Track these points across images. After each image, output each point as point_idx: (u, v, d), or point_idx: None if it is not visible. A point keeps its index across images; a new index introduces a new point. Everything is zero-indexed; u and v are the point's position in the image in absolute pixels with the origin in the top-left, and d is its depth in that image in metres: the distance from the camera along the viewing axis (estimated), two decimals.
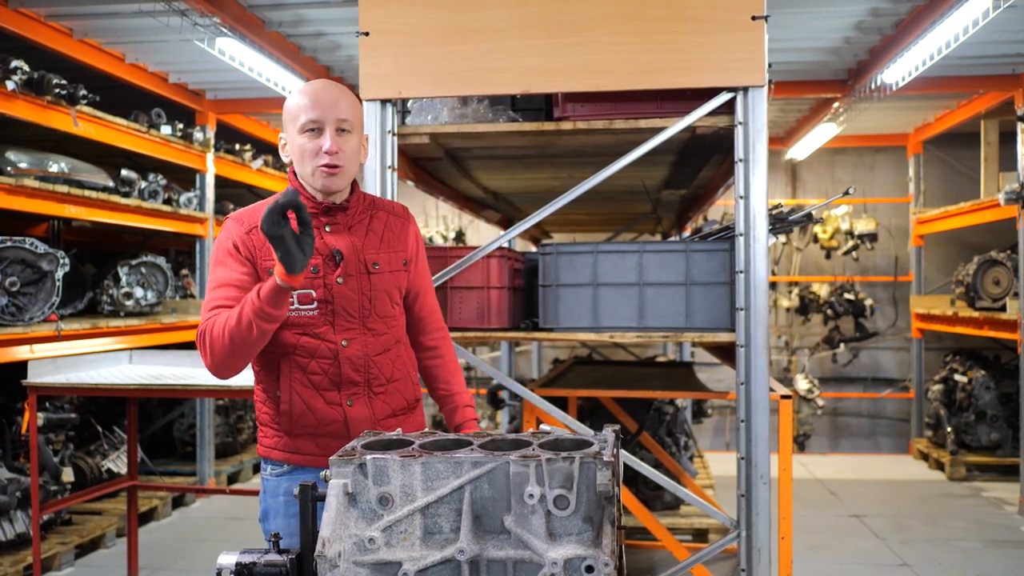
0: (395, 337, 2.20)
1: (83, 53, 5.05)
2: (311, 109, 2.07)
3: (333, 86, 2.14)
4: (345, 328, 2.12)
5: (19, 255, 4.36)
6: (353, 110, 2.12)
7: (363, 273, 2.13)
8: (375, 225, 2.20)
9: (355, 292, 2.13)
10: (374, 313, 2.15)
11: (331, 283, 2.10)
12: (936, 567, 4.75)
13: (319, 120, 2.07)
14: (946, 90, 6.30)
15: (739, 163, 2.84)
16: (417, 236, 2.30)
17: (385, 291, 2.16)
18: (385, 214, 2.24)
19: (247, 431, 7.20)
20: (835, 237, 8.26)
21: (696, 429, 8.00)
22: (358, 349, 2.12)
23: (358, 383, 2.13)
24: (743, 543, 2.85)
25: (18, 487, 4.51)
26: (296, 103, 2.10)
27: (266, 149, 7.83)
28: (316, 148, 2.08)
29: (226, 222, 2.17)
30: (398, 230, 2.23)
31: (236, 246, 2.10)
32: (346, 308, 2.12)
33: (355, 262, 2.13)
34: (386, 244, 2.19)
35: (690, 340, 3.10)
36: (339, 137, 2.09)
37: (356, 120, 2.13)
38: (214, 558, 1.58)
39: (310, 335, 2.10)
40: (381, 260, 2.17)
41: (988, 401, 6.98)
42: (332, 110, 2.08)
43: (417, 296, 2.30)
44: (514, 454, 1.49)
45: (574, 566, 1.41)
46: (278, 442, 2.17)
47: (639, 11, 2.81)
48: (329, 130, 2.07)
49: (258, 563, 1.56)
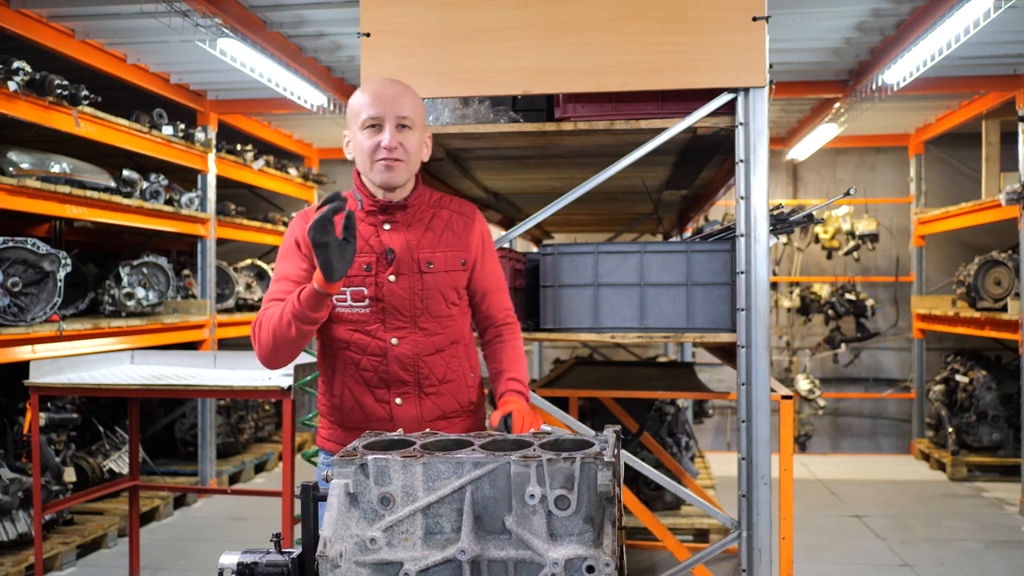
0: (450, 338, 2.19)
1: (85, 54, 5.06)
2: (371, 106, 2.09)
3: (394, 83, 2.14)
4: (396, 327, 2.13)
5: (21, 255, 4.36)
6: (414, 106, 2.13)
7: (416, 272, 2.13)
8: (435, 223, 2.19)
9: (406, 291, 2.13)
10: (426, 313, 2.14)
11: (383, 281, 2.12)
12: (937, 567, 4.75)
13: (379, 116, 2.08)
14: (947, 90, 6.30)
15: (740, 164, 2.85)
16: (483, 235, 2.27)
17: (439, 291, 2.15)
18: (448, 212, 2.22)
19: (248, 431, 7.21)
20: (836, 237, 8.25)
21: (697, 429, 8.01)
22: (408, 348, 2.13)
23: (407, 382, 2.14)
24: (744, 543, 2.86)
25: (20, 487, 4.52)
26: (358, 101, 2.12)
27: (267, 149, 7.85)
28: (376, 144, 2.09)
29: (294, 218, 2.21)
30: (460, 229, 2.21)
31: (298, 242, 2.15)
32: (397, 307, 2.12)
33: (408, 261, 2.13)
34: (444, 243, 2.18)
35: (691, 340, 3.09)
36: (399, 133, 2.10)
37: (417, 116, 2.13)
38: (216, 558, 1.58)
39: (362, 332, 2.13)
40: (436, 259, 2.15)
41: (989, 401, 6.98)
42: (392, 106, 2.08)
43: (485, 295, 2.28)
44: (515, 454, 1.49)
45: (575, 566, 1.41)
46: (331, 434, 2.22)
47: (640, 12, 2.81)
48: (389, 126, 2.08)
49: (260, 563, 1.56)
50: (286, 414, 3.71)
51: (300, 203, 8.51)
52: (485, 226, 2.29)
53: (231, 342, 7.53)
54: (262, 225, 7.38)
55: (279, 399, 3.83)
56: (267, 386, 3.69)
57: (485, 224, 2.29)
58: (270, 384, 3.69)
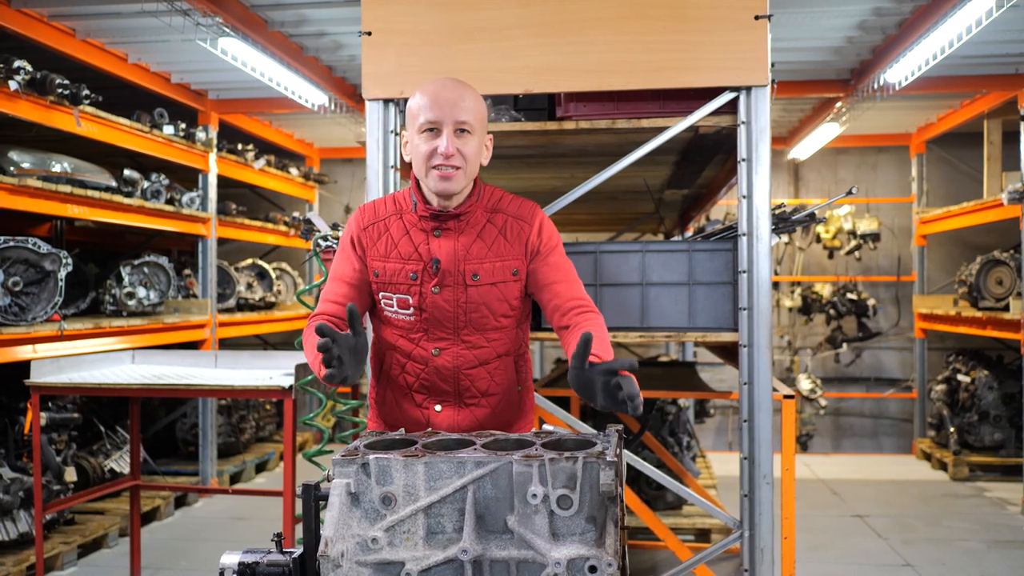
0: (497, 351, 2.12)
1: (86, 53, 5.06)
2: (430, 109, 2.00)
3: (455, 85, 2.06)
4: (438, 337, 2.09)
5: (22, 255, 4.36)
6: (475, 110, 2.04)
7: (460, 285, 2.06)
8: (488, 231, 2.09)
9: (450, 304, 2.07)
10: (470, 326, 2.08)
11: (427, 292, 2.07)
12: (939, 567, 4.75)
13: (437, 120, 2.00)
14: (949, 90, 6.29)
15: (742, 163, 2.84)
16: (541, 233, 2.11)
17: (485, 304, 2.08)
18: (504, 217, 2.11)
19: (249, 431, 7.21)
20: (838, 237, 8.25)
21: (699, 429, 8.00)
22: (449, 360, 2.09)
23: (447, 392, 2.12)
24: (746, 543, 2.85)
25: (21, 487, 4.51)
26: (417, 103, 2.04)
27: (268, 149, 7.85)
28: (432, 149, 2.00)
29: (355, 213, 2.17)
30: (514, 235, 2.09)
31: (353, 240, 2.13)
32: (439, 319, 2.08)
33: (454, 272, 2.06)
34: (495, 252, 2.08)
35: (693, 340, 3.09)
36: (458, 138, 2.01)
37: (477, 120, 2.04)
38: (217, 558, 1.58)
39: (406, 338, 2.12)
40: (484, 271, 2.07)
41: (991, 401, 6.97)
42: (452, 110, 2.00)
43: (548, 287, 2.09)
44: (517, 454, 1.49)
45: (577, 566, 1.41)
46: (376, 426, 2.24)
47: (642, 10, 2.81)
48: (447, 131, 2.00)
49: (261, 563, 1.55)
50: (287, 414, 3.70)
51: (301, 203, 8.51)
52: (546, 224, 2.14)
53: (232, 342, 7.53)
54: (263, 225, 7.37)
55: (280, 399, 3.82)
56: (268, 386, 3.69)
57: (546, 222, 2.15)
58: (271, 384, 3.69)
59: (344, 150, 8.67)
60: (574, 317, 2.04)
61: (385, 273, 2.09)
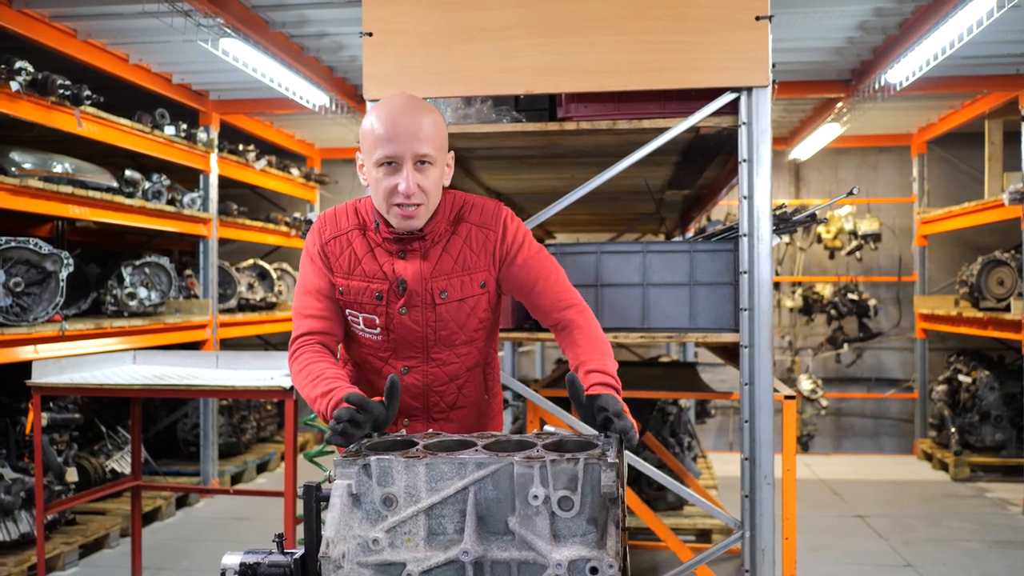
0: (466, 365, 2.09)
1: (87, 54, 5.06)
2: (388, 143, 1.88)
3: (413, 111, 1.91)
4: (407, 356, 2.06)
5: (23, 255, 4.36)
6: (434, 137, 1.91)
7: (428, 304, 2.01)
8: (453, 245, 2.02)
9: (418, 324, 2.03)
10: (439, 343, 2.05)
11: (393, 313, 2.02)
12: (940, 568, 4.74)
13: (397, 155, 1.88)
14: (950, 90, 6.28)
15: (743, 163, 2.84)
16: (506, 237, 2.04)
17: (454, 320, 2.03)
18: (468, 227, 2.03)
19: (250, 431, 7.21)
20: (839, 237, 8.24)
21: (699, 429, 8.00)
22: (418, 379, 2.07)
23: (416, 408, 2.11)
24: (747, 544, 2.85)
25: (22, 487, 4.52)
26: (372, 130, 1.91)
27: (269, 149, 7.85)
28: (392, 187, 1.90)
29: (315, 222, 2.10)
30: (479, 246, 2.03)
31: (318, 253, 2.06)
32: (407, 339, 2.04)
33: (421, 292, 2.01)
34: (461, 266, 2.02)
35: (694, 340, 3.09)
36: (418, 172, 1.90)
37: (437, 149, 1.93)
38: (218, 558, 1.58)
39: (375, 356, 2.09)
40: (452, 287, 2.01)
41: (992, 401, 6.97)
42: (410, 143, 1.87)
43: (531, 291, 2.05)
44: (518, 455, 1.49)
45: (578, 567, 1.41)
46: None
47: (643, 11, 2.81)
48: (407, 166, 1.88)
49: (262, 563, 1.55)
50: (288, 414, 3.70)
51: (302, 203, 8.51)
52: (510, 226, 2.06)
53: (233, 342, 7.54)
54: (264, 225, 7.38)
55: (281, 399, 3.83)
56: (269, 386, 3.69)
57: (510, 224, 2.06)
58: (272, 384, 3.69)
59: (345, 150, 8.67)
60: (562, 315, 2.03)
61: (349, 291, 2.03)
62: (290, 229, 7.70)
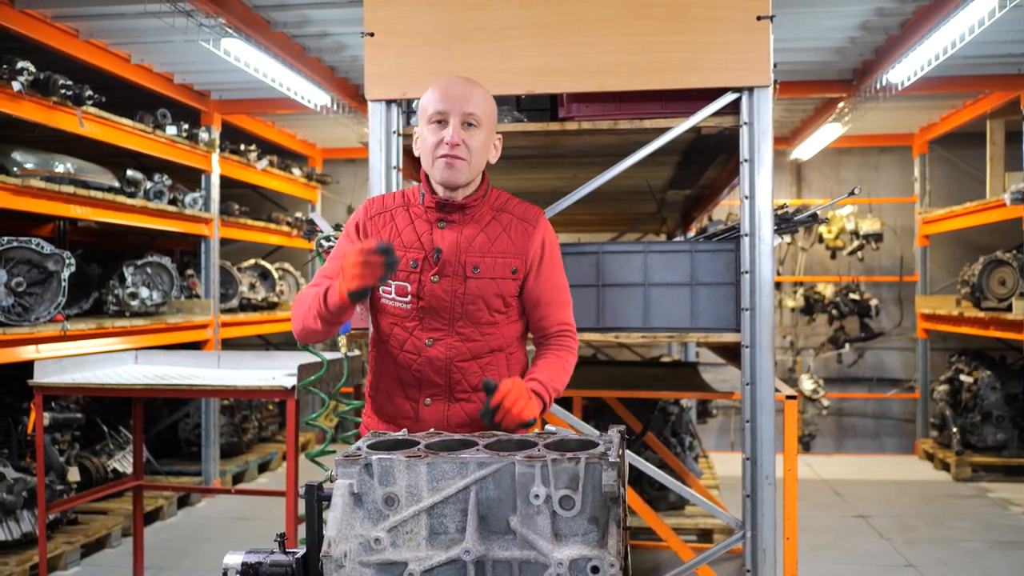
0: (490, 346, 2.13)
1: (89, 54, 5.06)
2: (439, 101, 2.06)
3: (466, 82, 2.12)
4: (432, 328, 2.11)
5: (25, 255, 4.37)
6: (483, 105, 2.09)
7: (459, 276, 2.09)
8: (492, 227, 2.13)
9: (447, 294, 2.09)
10: (466, 318, 2.10)
11: (425, 280, 2.10)
12: (941, 568, 4.74)
13: (445, 112, 2.06)
14: (952, 90, 6.28)
15: (744, 163, 2.84)
16: (545, 243, 2.17)
17: (482, 297, 2.10)
18: (510, 217, 2.16)
19: (252, 431, 7.21)
20: (840, 237, 8.24)
21: (701, 429, 8.00)
22: (441, 351, 2.11)
23: (439, 385, 2.12)
24: (748, 543, 2.85)
25: (24, 487, 4.52)
26: (427, 97, 2.10)
27: (271, 149, 7.85)
28: (439, 139, 2.06)
29: (364, 203, 2.23)
30: (517, 236, 2.14)
31: (358, 226, 2.18)
32: (436, 308, 2.10)
33: (454, 264, 2.09)
34: (497, 248, 2.11)
35: (695, 340, 3.09)
36: (464, 130, 2.06)
37: (485, 116, 2.09)
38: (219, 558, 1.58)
39: (401, 327, 2.13)
40: (484, 264, 2.10)
41: (994, 401, 6.96)
42: (460, 103, 2.06)
43: (538, 305, 2.18)
44: (519, 455, 1.49)
45: (580, 567, 1.41)
46: (368, 423, 2.25)
47: (644, 11, 2.81)
48: (454, 122, 2.05)
49: (264, 563, 1.56)
50: (290, 414, 3.70)
51: (304, 203, 8.51)
52: (549, 234, 2.20)
53: (235, 342, 7.54)
54: (266, 225, 7.38)
55: (283, 399, 3.83)
56: (271, 386, 3.69)
57: (550, 232, 2.20)
58: (274, 384, 3.69)
59: (346, 150, 8.68)
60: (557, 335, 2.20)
61: None
62: (292, 229, 7.70)
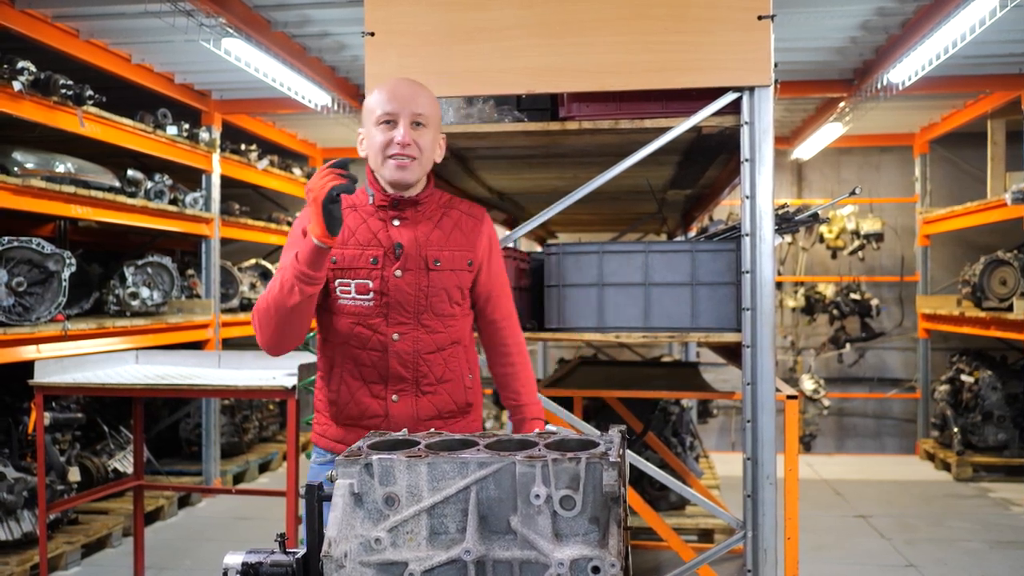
0: (451, 338, 2.18)
1: (89, 54, 5.07)
2: (387, 102, 2.09)
3: (411, 82, 2.17)
4: (398, 322, 2.12)
5: (26, 255, 4.37)
6: (430, 105, 2.14)
7: (422, 269, 2.13)
8: (444, 223, 2.19)
9: (412, 287, 2.12)
10: (430, 310, 2.14)
11: (388, 276, 2.12)
12: (942, 568, 4.74)
13: (394, 112, 2.09)
14: (952, 90, 6.28)
15: (745, 163, 2.84)
16: (492, 238, 2.27)
17: (444, 289, 2.15)
18: (458, 213, 2.22)
19: (252, 431, 7.21)
20: (841, 237, 8.23)
21: (701, 429, 8.00)
22: (408, 345, 2.13)
23: (405, 379, 2.14)
24: (749, 543, 2.85)
25: (25, 486, 4.52)
26: (374, 98, 2.13)
27: (272, 149, 7.85)
28: (388, 140, 2.09)
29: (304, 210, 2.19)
30: (468, 230, 2.21)
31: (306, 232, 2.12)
32: (401, 302, 2.12)
33: (416, 257, 2.13)
34: (452, 242, 2.18)
35: (696, 340, 3.09)
36: (413, 130, 2.10)
37: (432, 115, 2.14)
38: (220, 558, 1.58)
39: (363, 325, 2.13)
40: (444, 258, 2.15)
41: (995, 401, 6.96)
42: (408, 103, 2.09)
43: (488, 299, 2.26)
44: (520, 454, 1.49)
45: (580, 567, 1.41)
46: (325, 430, 2.22)
47: (644, 11, 2.81)
48: (403, 122, 2.09)
49: (264, 563, 1.55)
50: (290, 414, 3.70)
51: (304, 203, 8.50)
52: (493, 230, 2.29)
53: (235, 342, 7.53)
54: (266, 225, 7.38)
55: (283, 399, 3.83)
56: (271, 386, 3.69)
57: (493, 228, 2.29)
58: (274, 384, 3.69)
59: (347, 151, 8.67)
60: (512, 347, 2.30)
61: (344, 259, 2.13)
62: None
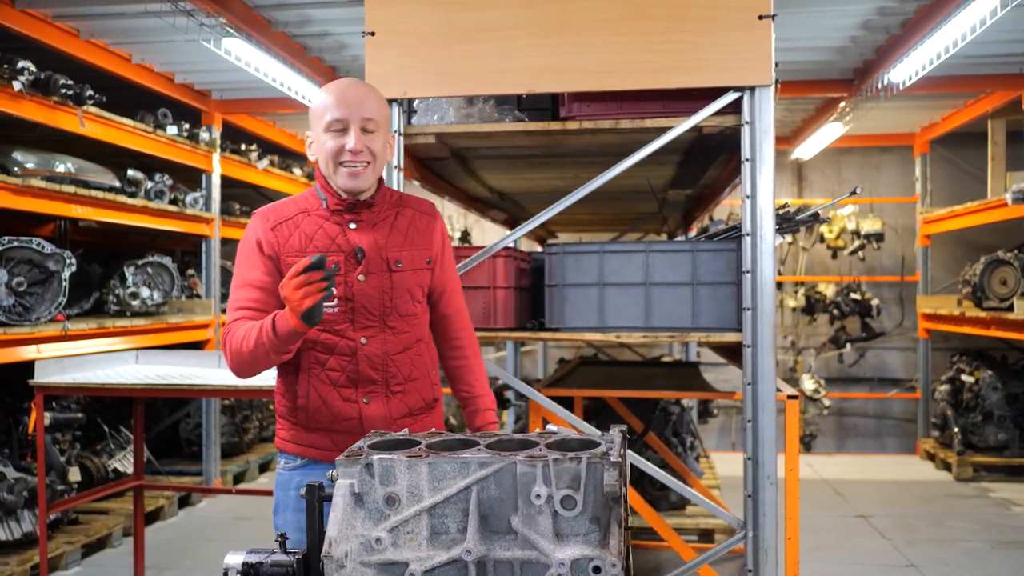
0: (416, 336, 2.19)
1: (90, 53, 5.06)
2: (336, 108, 2.07)
3: (359, 84, 2.15)
4: (365, 326, 2.12)
5: (26, 255, 4.37)
6: (379, 109, 2.12)
7: (384, 271, 2.13)
8: (400, 223, 2.18)
9: (376, 290, 2.12)
10: (395, 312, 2.14)
11: (352, 281, 2.11)
12: (943, 568, 4.74)
13: (344, 119, 2.07)
14: (953, 89, 6.27)
15: (746, 163, 2.84)
16: (443, 234, 2.27)
17: (407, 289, 2.16)
18: (411, 211, 2.22)
19: (253, 431, 7.21)
20: (841, 237, 8.23)
21: (702, 429, 7.99)
22: (377, 347, 2.12)
23: (376, 381, 2.13)
24: (750, 543, 2.85)
25: (25, 486, 4.52)
26: (322, 102, 2.10)
27: (272, 149, 7.85)
28: (340, 147, 2.07)
29: (253, 217, 2.18)
30: (423, 228, 2.21)
31: (260, 243, 2.12)
32: (366, 306, 2.12)
33: (377, 260, 2.12)
34: (410, 242, 2.18)
35: (696, 340, 3.09)
36: (364, 136, 2.08)
37: (382, 119, 2.13)
38: (220, 558, 1.58)
39: (330, 332, 2.12)
40: (404, 258, 2.15)
41: (995, 401, 6.96)
42: (358, 109, 2.07)
43: (442, 294, 2.28)
44: (521, 454, 1.48)
45: (581, 567, 1.41)
46: (294, 435, 2.22)
47: (645, 11, 2.81)
48: (354, 129, 2.07)
49: (264, 563, 1.55)
50: None
51: None
52: (444, 225, 2.30)
53: None
54: None
55: None
56: (271, 386, 3.68)
57: (444, 223, 2.30)
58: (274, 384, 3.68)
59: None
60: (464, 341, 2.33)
61: None
62: None
